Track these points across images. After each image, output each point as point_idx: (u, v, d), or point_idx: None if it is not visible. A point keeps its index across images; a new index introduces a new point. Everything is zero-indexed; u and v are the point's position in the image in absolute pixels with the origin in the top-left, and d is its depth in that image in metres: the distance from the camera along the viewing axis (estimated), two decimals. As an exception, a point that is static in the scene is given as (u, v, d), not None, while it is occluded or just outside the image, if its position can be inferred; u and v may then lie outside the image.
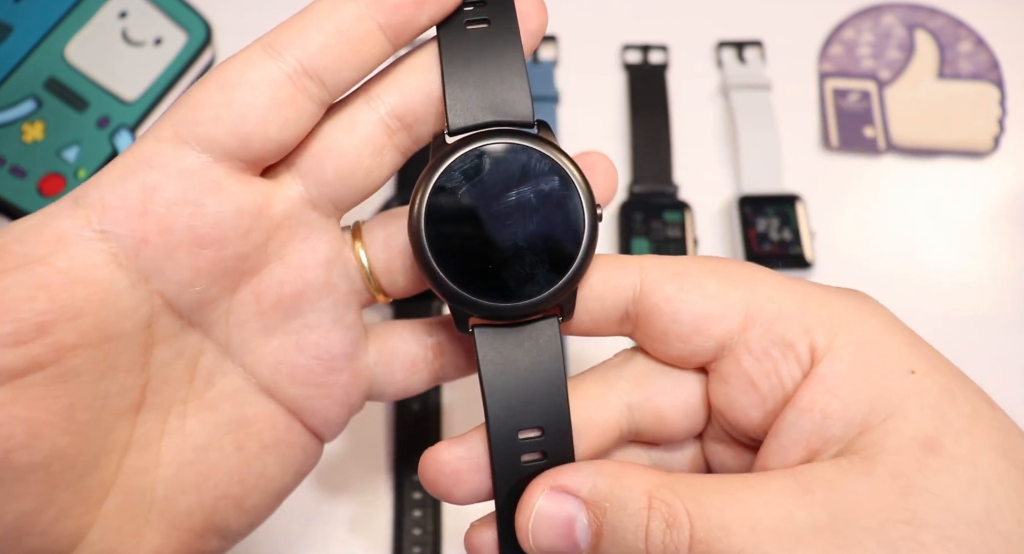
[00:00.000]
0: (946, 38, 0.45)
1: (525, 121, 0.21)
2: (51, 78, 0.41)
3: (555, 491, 0.20)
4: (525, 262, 0.20)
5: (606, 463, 0.20)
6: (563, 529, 0.20)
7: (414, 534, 0.35)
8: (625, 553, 0.19)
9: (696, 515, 0.19)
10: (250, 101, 0.20)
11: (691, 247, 0.39)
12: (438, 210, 0.21)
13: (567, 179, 0.21)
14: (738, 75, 0.44)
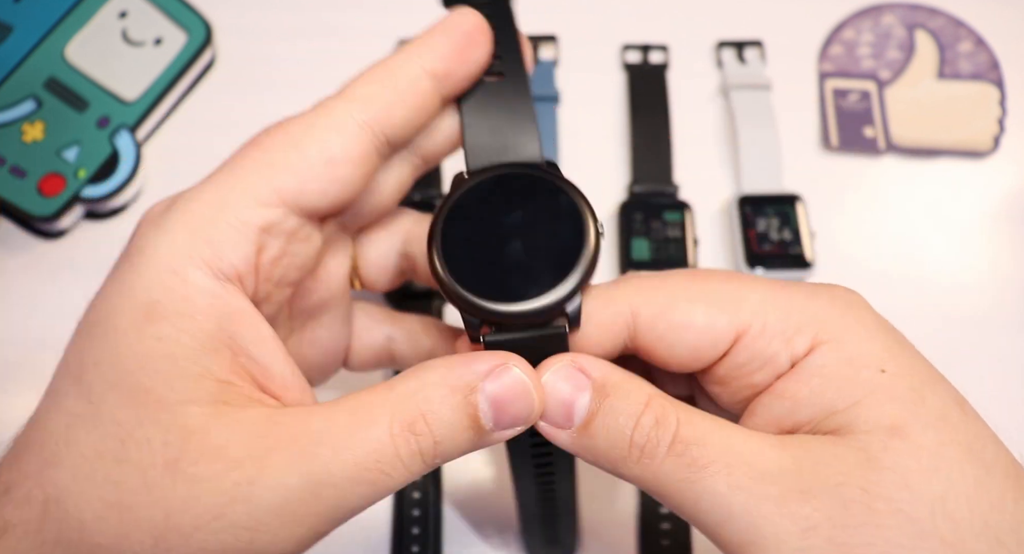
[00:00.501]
0: (946, 38, 0.45)
1: (534, 161, 0.24)
2: (51, 78, 0.41)
3: (571, 367, 0.22)
4: (530, 272, 0.22)
5: (619, 368, 0.22)
6: (567, 400, 0.22)
7: (413, 533, 0.35)
8: (611, 435, 0.21)
9: (684, 422, 0.21)
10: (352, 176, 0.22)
11: (691, 247, 0.39)
12: (452, 227, 0.23)
13: (571, 200, 0.23)
14: (738, 75, 0.44)
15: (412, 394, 0.21)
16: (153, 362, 0.20)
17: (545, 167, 0.24)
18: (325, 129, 0.22)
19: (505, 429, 0.21)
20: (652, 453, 0.21)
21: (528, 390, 0.21)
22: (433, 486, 0.36)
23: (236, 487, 0.19)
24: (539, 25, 0.45)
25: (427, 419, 0.20)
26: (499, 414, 0.21)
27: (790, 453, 0.21)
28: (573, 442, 0.22)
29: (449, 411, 0.21)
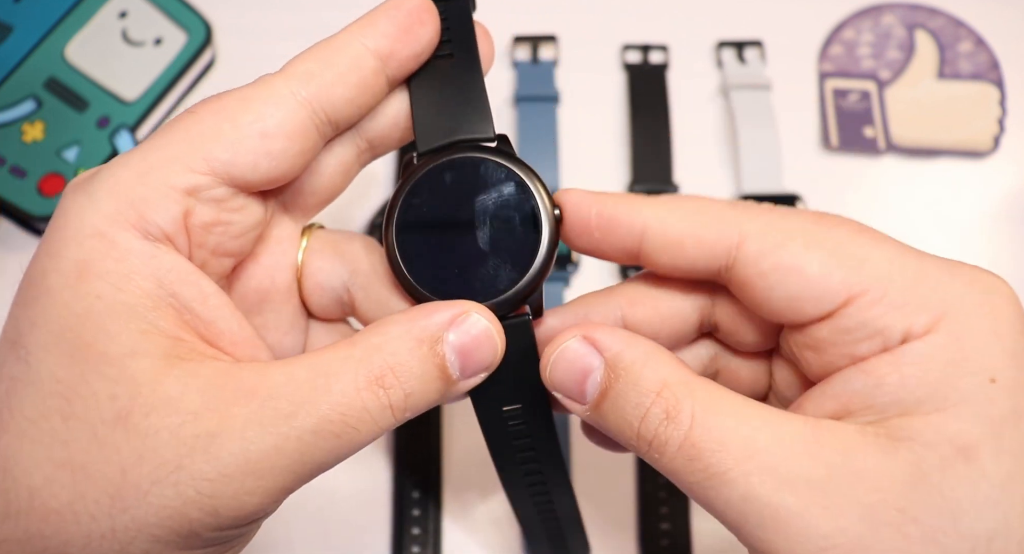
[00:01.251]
0: (946, 38, 0.45)
1: (486, 137, 0.23)
2: (51, 78, 0.41)
3: (586, 340, 0.21)
4: (489, 264, 0.22)
5: (642, 340, 0.21)
6: (578, 375, 0.21)
7: (413, 533, 0.35)
8: (621, 424, 0.20)
9: (701, 420, 0.19)
10: (287, 152, 0.22)
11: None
12: (407, 222, 0.23)
13: (524, 184, 0.23)
14: (738, 75, 0.44)
15: (377, 348, 0.20)
16: (93, 318, 0.19)
17: (497, 144, 0.23)
18: (261, 102, 0.21)
19: (471, 377, 0.21)
20: (661, 450, 0.19)
21: (491, 335, 0.21)
22: (433, 486, 0.36)
23: (195, 439, 0.19)
24: (539, 25, 0.45)
25: (396, 372, 0.20)
26: (465, 362, 0.21)
27: (824, 460, 0.18)
28: (587, 417, 0.21)
29: (418, 363, 0.20)
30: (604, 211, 0.22)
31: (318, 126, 0.22)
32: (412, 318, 0.21)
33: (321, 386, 0.19)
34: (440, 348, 0.21)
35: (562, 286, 0.39)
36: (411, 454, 0.36)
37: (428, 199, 0.23)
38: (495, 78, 0.44)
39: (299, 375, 0.20)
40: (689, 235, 0.21)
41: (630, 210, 0.22)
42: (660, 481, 0.36)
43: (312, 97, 0.22)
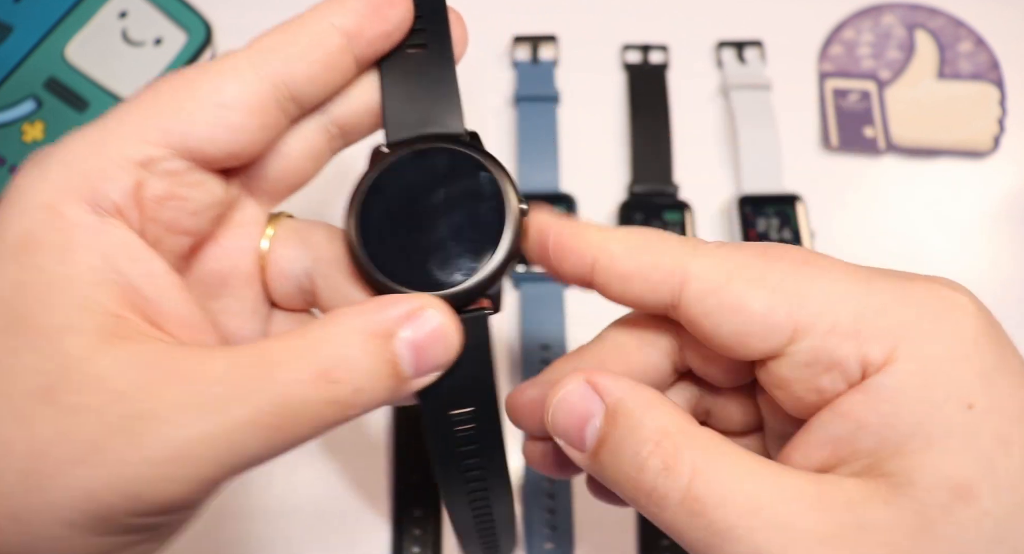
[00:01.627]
0: (946, 38, 0.45)
1: (457, 133, 0.23)
2: (51, 78, 0.41)
3: (587, 384, 0.20)
4: (451, 255, 0.22)
5: (645, 389, 0.20)
6: (578, 421, 0.20)
7: (414, 534, 0.35)
8: (618, 474, 0.19)
9: (700, 474, 0.18)
10: (246, 126, 0.21)
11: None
12: (370, 210, 0.22)
13: (491, 178, 0.22)
14: (738, 75, 0.44)
15: (327, 340, 0.19)
16: (32, 290, 0.19)
17: (467, 139, 0.23)
18: (220, 74, 0.21)
19: (424, 375, 0.20)
20: (660, 503, 0.19)
21: (447, 333, 0.20)
22: (433, 486, 0.36)
23: (121, 420, 0.18)
24: (539, 25, 0.45)
25: (345, 366, 0.19)
26: (419, 360, 0.20)
27: (831, 516, 0.18)
28: (586, 466, 0.20)
29: (368, 358, 0.19)
30: (560, 238, 0.22)
31: (280, 102, 0.22)
32: (366, 311, 0.20)
33: (263, 375, 0.18)
34: (393, 344, 0.20)
35: (562, 286, 0.39)
36: (411, 454, 0.36)
37: (393, 189, 0.22)
38: (495, 78, 0.44)
39: (242, 362, 0.19)
40: (635, 272, 0.21)
41: (581, 241, 0.22)
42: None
43: (274, 72, 0.21)
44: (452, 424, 0.22)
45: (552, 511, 0.36)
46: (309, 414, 0.19)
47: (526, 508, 0.36)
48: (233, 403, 0.18)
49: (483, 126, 0.43)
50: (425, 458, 0.36)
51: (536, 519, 0.36)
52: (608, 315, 0.40)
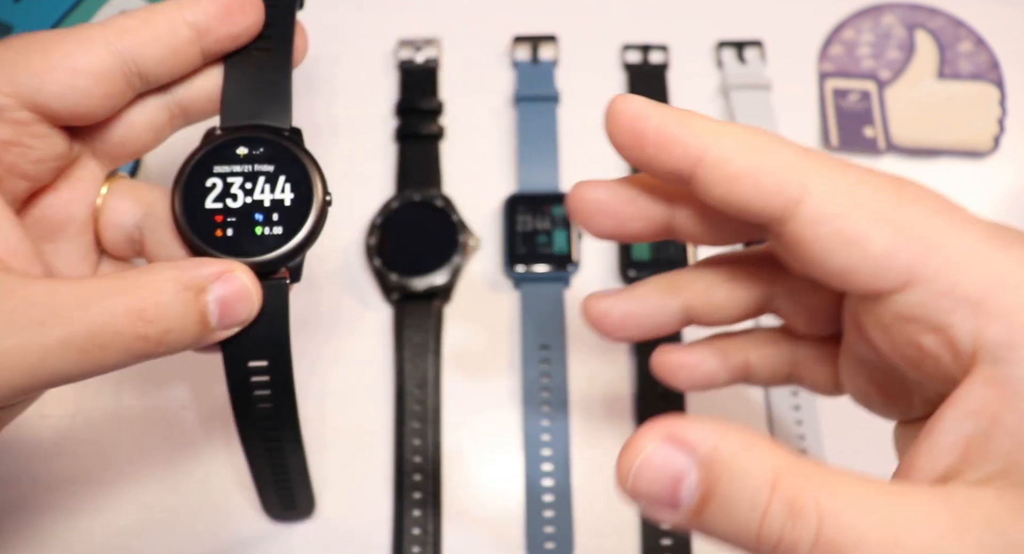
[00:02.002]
0: (946, 38, 0.45)
1: (282, 127, 0.26)
2: (50, 78, 0.41)
3: (670, 441, 0.18)
4: (261, 228, 0.25)
5: (734, 428, 0.18)
6: (669, 483, 0.18)
7: (413, 534, 0.35)
8: (733, 528, 0.17)
9: (828, 513, 0.17)
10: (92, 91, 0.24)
11: (691, 247, 0.39)
12: (195, 183, 0.25)
13: (304, 168, 0.26)
14: (738, 75, 0.44)
15: (144, 285, 0.22)
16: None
17: (288, 134, 0.26)
18: (76, 42, 0.24)
19: (227, 328, 0.24)
20: (790, 551, 0.17)
21: (250, 295, 0.24)
22: (433, 487, 0.36)
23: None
24: (539, 25, 0.45)
25: (158, 310, 0.22)
26: (224, 314, 0.23)
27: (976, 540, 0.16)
28: (686, 525, 0.18)
29: (181, 306, 0.22)
30: (664, 126, 0.20)
31: (126, 76, 0.24)
32: (183, 267, 0.23)
33: (80, 305, 0.21)
34: (203, 297, 0.23)
35: (562, 286, 0.39)
36: (411, 454, 0.36)
37: (218, 165, 0.26)
38: (495, 78, 0.44)
39: (62, 291, 0.21)
40: (748, 176, 0.19)
41: (689, 131, 0.20)
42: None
43: (124, 49, 0.24)
44: (248, 374, 0.26)
45: (553, 511, 0.36)
46: (120, 345, 0.22)
47: (526, 508, 0.36)
48: (47, 324, 0.21)
49: (483, 126, 0.43)
50: (425, 458, 0.36)
51: (536, 519, 0.35)
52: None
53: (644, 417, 0.37)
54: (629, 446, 0.18)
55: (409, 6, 0.46)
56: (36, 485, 0.36)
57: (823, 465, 0.18)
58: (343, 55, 0.44)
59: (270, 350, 0.26)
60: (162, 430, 0.37)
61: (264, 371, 0.26)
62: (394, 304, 0.39)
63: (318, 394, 0.37)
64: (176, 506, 0.36)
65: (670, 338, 0.27)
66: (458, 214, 0.39)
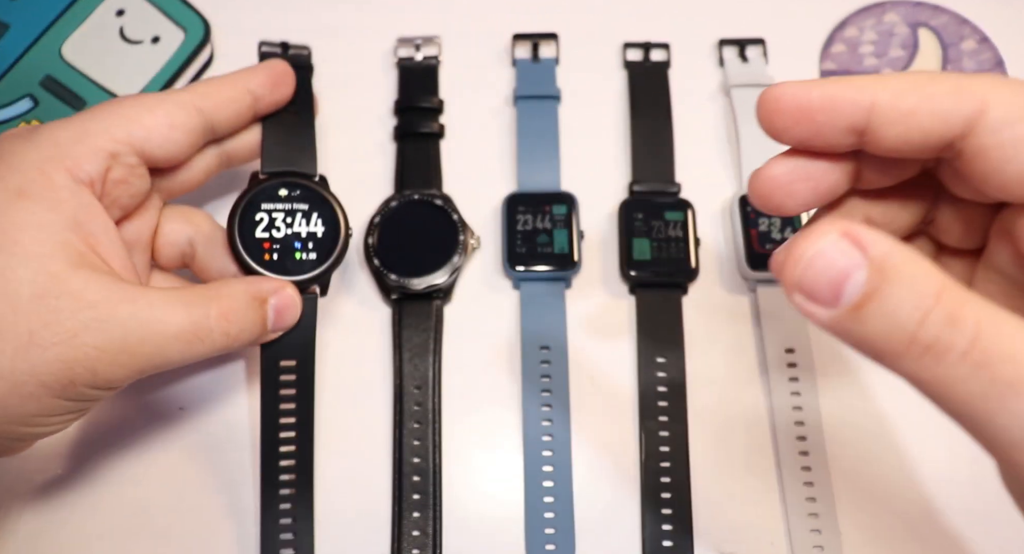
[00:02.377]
0: (949, 36, 0.45)
1: (310, 174, 0.35)
2: (48, 77, 0.41)
3: (847, 237, 0.19)
4: (300, 253, 0.33)
5: (907, 245, 0.19)
6: (837, 277, 0.19)
7: (413, 536, 0.35)
8: (889, 327, 0.19)
9: (986, 327, 0.18)
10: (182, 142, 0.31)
11: (692, 247, 0.39)
12: (247, 216, 0.33)
13: (332, 208, 0.34)
14: (740, 73, 0.43)
15: (228, 295, 0.30)
16: (25, 226, 0.27)
17: (317, 180, 0.34)
18: (172, 104, 0.31)
19: (277, 331, 0.32)
20: (940, 356, 0.18)
21: (297, 306, 0.33)
22: (433, 488, 0.35)
23: (90, 320, 0.27)
24: (540, 23, 0.44)
25: (238, 314, 0.30)
26: (278, 319, 0.32)
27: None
28: (835, 324, 0.19)
29: (252, 312, 0.31)
30: (826, 92, 0.22)
31: (204, 131, 0.32)
32: (251, 282, 0.31)
33: (186, 308, 0.28)
34: (265, 306, 0.31)
35: (563, 286, 0.39)
36: (410, 455, 0.36)
37: (265, 203, 0.33)
38: (496, 77, 0.44)
39: (171, 298, 0.28)
40: (924, 105, 0.21)
41: (857, 87, 0.21)
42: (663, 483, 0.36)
43: (207, 111, 0.32)
44: (280, 372, 0.33)
45: (553, 512, 0.35)
46: (211, 339, 0.29)
47: (526, 509, 0.36)
48: (164, 321, 0.28)
49: (482, 125, 0.43)
50: (425, 460, 0.36)
51: (537, 521, 0.35)
52: (608, 316, 0.40)
53: (645, 417, 0.37)
54: (801, 237, 0.19)
55: (408, 4, 0.45)
56: (33, 486, 0.36)
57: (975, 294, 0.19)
58: (342, 53, 0.44)
59: (299, 351, 0.33)
60: (160, 430, 0.37)
61: (292, 369, 0.34)
62: (393, 304, 0.39)
63: (317, 394, 0.37)
64: (174, 507, 0.35)
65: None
66: (458, 213, 0.39)
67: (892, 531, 0.35)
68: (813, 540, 0.35)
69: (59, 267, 0.27)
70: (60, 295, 0.26)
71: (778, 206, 0.24)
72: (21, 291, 0.26)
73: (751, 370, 0.38)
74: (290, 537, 0.34)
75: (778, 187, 0.24)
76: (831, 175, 0.24)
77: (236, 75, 0.33)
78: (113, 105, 0.30)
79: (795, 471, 0.36)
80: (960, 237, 0.24)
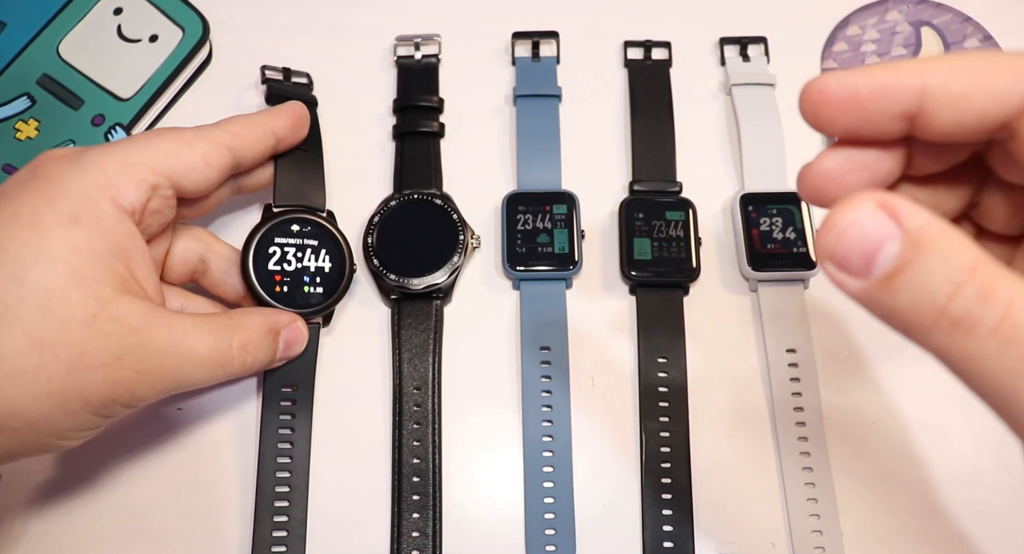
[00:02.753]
0: (952, 35, 0.44)
1: (320, 208, 0.38)
2: (45, 75, 0.40)
3: (883, 207, 0.19)
4: (307, 287, 0.36)
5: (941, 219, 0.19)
6: (870, 246, 0.19)
7: (412, 537, 0.35)
8: (919, 299, 0.18)
9: (1018, 304, 0.18)
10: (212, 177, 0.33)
11: (693, 246, 0.39)
12: (261, 248, 0.36)
13: (339, 245, 0.37)
14: (741, 72, 0.43)
15: (246, 326, 0.32)
16: (78, 252, 0.28)
17: (326, 216, 0.37)
18: (207, 142, 0.33)
19: (284, 360, 0.35)
20: (969, 330, 0.18)
21: (304, 340, 0.35)
22: (433, 489, 0.35)
23: (135, 345, 0.29)
24: (541, 22, 0.44)
25: (255, 344, 0.32)
26: (286, 350, 0.35)
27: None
28: (865, 294, 0.19)
29: (266, 343, 0.33)
30: (874, 79, 0.21)
31: (232, 167, 0.34)
32: (268, 315, 0.34)
33: (212, 337, 0.31)
34: (278, 338, 0.34)
35: (563, 286, 0.39)
36: (409, 456, 0.36)
37: (278, 237, 0.36)
38: (495, 75, 0.44)
39: (201, 325, 0.31)
40: (977, 87, 0.20)
41: (906, 72, 0.21)
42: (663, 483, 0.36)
43: (237, 150, 0.34)
44: (281, 397, 0.36)
45: (553, 513, 0.35)
46: (230, 365, 0.32)
47: (527, 510, 0.35)
48: (193, 349, 0.30)
49: (483, 124, 0.43)
50: (425, 461, 0.36)
51: (537, 521, 0.35)
52: (609, 316, 0.40)
53: (646, 417, 0.37)
54: (838, 208, 0.19)
55: (408, 3, 0.45)
56: (30, 487, 0.35)
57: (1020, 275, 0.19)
58: (341, 52, 0.44)
59: (300, 376, 0.36)
60: (159, 431, 0.37)
61: (290, 394, 0.36)
62: (393, 304, 0.38)
63: (316, 395, 0.37)
64: (172, 508, 0.35)
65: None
66: (458, 213, 0.39)
67: (894, 532, 0.35)
68: (815, 541, 0.35)
69: (108, 293, 0.28)
70: (108, 319, 0.28)
71: (831, 199, 0.23)
72: (75, 314, 0.28)
73: (752, 370, 0.38)
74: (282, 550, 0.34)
75: (830, 180, 0.23)
76: (883, 164, 0.23)
77: (263, 117, 0.36)
78: (154, 138, 0.32)
79: (796, 472, 0.36)
80: (1005, 222, 0.24)
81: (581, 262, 0.39)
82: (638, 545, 0.35)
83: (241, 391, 0.37)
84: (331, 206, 0.40)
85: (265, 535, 0.34)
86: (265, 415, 0.36)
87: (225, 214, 0.40)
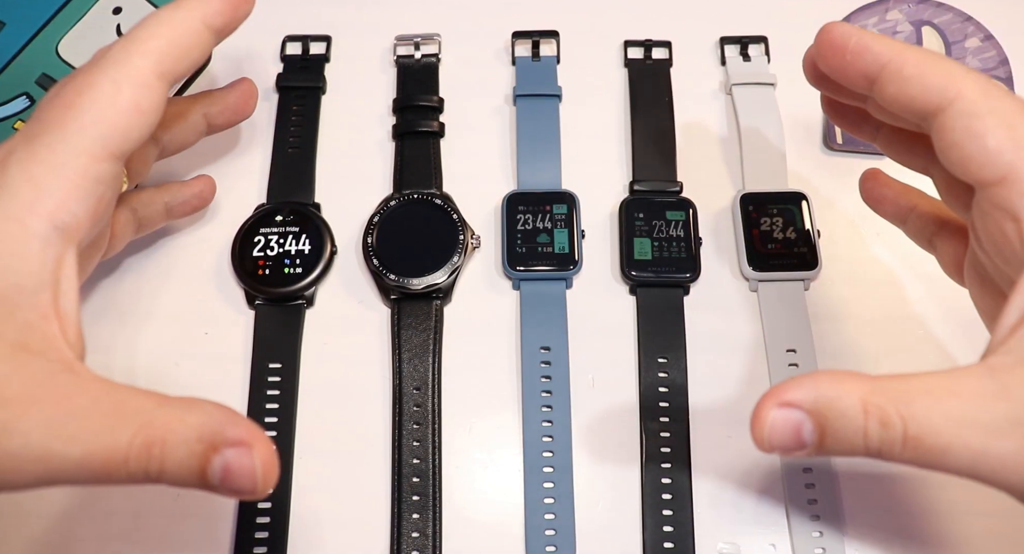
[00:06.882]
0: (953, 34, 0.44)
1: (310, 202, 0.40)
2: (44, 75, 0.40)
3: (783, 406, 0.24)
4: (289, 269, 0.38)
5: (821, 375, 0.24)
6: (793, 433, 0.23)
7: (412, 537, 0.35)
8: (846, 447, 0.23)
9: (907, 417, 0.22)
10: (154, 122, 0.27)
11: (693, 247, 0.39)
12: (248, 238, 0.38)
13: (319, 229, 0.39)
14: (742, 72, 0.43)
15: (164, 423, 0.23)
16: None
17: (312, 206, 0.39)
18: (133, 85, 0.26)
19: (228, 494, 0.23)
20: (888, 452, 0.23)
21: (253, 475, 0.23)
22: (432, 489, 0.35)
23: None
24: (540, 21, 0.44)
25: (164, 448, 0.23)
26: (225, 480, 0.23)
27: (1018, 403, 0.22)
28: (812, 455, 0.24)
29: (186, 455, 0.23)
30: (862, 39, 0.26)
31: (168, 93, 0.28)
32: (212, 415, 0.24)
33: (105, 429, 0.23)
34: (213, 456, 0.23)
35: (563, 286, 0.39)
36: (409, 456, 0.36)
37: (263, 228, 0.39)
38: (495, 75, 0.44)
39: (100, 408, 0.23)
40: (918, 78, 0.25)
41: (881, 43, 0.26)
42: (663, 483, 0.36)
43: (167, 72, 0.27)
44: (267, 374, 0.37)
45: (553, 514, 0.35)
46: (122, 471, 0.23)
47: (527, 511, 0.35)
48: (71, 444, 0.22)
49: (483, 123, 0.43)
50: (425, 462, 0.36)
51: (537, 522, 0.35)
52: (609, 316, 0.39)
53: (646, 418, 0.37)
54: (758, 416, 0.24)
55: (408, 2, 0.45)
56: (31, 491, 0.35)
57: (894, 377, 0.23)
58: (341, 51, 0.44)
59: (285, 354, 0.37)
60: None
61: (277, 372, 0.37)
62: (392, 304, 0.38)
63: (315, 395, 0.37)
64: (171, 510, 0.35)
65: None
66: (458, 213, 0.39)
67: (896, 533, 0.35)
68: (816, 542, 0.35)
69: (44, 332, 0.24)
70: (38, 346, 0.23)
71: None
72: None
73: (753, 370, 0.38)
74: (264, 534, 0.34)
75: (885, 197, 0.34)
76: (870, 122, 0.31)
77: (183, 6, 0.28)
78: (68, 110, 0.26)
79: (797, 472, 0.36)
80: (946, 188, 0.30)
81: (581, 262, 0.39)
82: (638, 545, 0.35)
83: (241, 391, 0.37)
84: (331, 206, 0.40)
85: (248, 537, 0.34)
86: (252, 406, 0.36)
87: (224, 214, 0.40)
